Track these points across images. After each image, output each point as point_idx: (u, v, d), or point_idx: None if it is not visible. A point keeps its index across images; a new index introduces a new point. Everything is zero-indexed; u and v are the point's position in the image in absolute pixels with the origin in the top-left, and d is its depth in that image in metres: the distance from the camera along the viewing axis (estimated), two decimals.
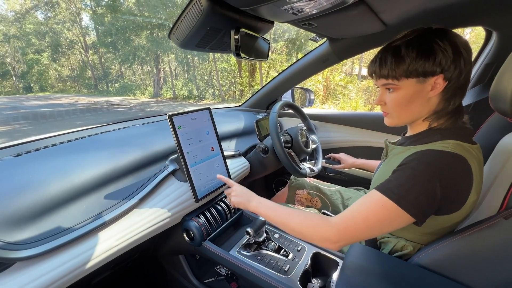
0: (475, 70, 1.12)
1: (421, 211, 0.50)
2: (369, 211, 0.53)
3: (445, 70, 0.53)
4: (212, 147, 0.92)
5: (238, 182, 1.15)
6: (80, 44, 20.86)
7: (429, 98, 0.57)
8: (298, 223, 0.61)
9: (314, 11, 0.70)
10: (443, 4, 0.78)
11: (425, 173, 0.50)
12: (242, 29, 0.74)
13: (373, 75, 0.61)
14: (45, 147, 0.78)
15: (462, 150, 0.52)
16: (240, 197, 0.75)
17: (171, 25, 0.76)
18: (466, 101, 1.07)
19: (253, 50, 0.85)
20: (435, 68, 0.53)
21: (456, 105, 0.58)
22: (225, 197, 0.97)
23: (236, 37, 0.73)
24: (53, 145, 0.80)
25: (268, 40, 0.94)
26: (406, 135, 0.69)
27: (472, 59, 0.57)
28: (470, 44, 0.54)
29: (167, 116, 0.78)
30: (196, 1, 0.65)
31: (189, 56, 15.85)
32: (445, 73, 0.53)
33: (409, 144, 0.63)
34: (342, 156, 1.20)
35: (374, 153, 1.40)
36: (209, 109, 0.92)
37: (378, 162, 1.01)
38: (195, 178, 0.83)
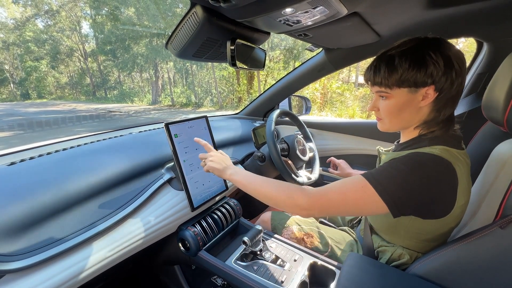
0: (468, 79, 1.14)
1: (396, 202, 0.51)
2: (347, 188, 0.55)
3: (436, 81, 0.54)
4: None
5: (234, 190, 1.14)
6: (79, 52, 21.01)
7: (420, 108, 0.58)
8: (273, 189, 0.62)
9: (309, 23, 0.71)
10: (435, 16, 0.81)
11: (408, 168, 0.52)
12: (238, 40, 0.76)
13: (368, 81, 0.63)
14: (40, 155, 0.77)
15: (447, 154, 0.54)
16: (217, 163, 0.74)
17: (169, 34, 0.77)
18: (460, 110, 1.09)
19: (249, 60, 0.87)
20: (426, 79, 0.54)
21: (447, 115, 0.59)
22: (222, 206, 0.96)
23: (232, 47, 0.75)
24: (48, 153, 0.79)
25: (265, 50, 0.95)
26: (399, 142, 0.70)
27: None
28: (463, 55, 0.56)
29: (163, 124, 0.78)
30: (193, 13, 0.66)
31: (187, 64, 16.00)
32: (436, 84, 0.55)
33: (400, 150, 0.65)
34: (342, 163, 1.19)
35: (370, 161, 1.40)
36: (205, 117, 0.93)
37: None
38: (191, 187, 0.83)
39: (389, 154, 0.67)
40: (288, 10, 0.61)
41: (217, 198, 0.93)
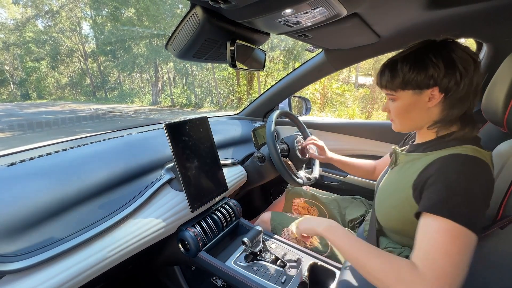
0: None
1: (476, 221, 0.47)
2: (449, 247, 0.46)
3: (438, 83, 0.55)
4: (209, 156, 0.91)
5: (234, 191, 1.14)
6: (79, 52, 21.01)
7: (429, 108, 0.59)
8: (377, 265, 0.51)
9: (309, 24, 0.72)
10: (435, 17, 0.81)
11: (469, 182, 0.49)
12: (238, 41, 0.76)
13: (378, 85, 0.66)
14: (40, 156, 0.77)
15: (481, 155, 0.53)
16: (306, 223, 0.69)
17: (169, 34, 0.77)
18: None
19: (249, 60, 0.87)
20: (427, 81, 0.56)
21: (457, 114, 0.58)
22: (222, 206, 0.96)
23: (232, 48, 0.75)
24: (48, 154, 0.79)
25: (264, 51, 0.95)
26: (416, 142, 0.69)
27: None
28: (471, 56, 0.55)
29: (163, 125, 0.78)
30: (193, 13, 0.66)
31: (187, 65, 16.00)
32: (439, 85, 0.55)
33: (422, 150, 0.63)
34: (324, 148, 1.09)
35: None
36: (205, 118, 0.93)
37: (358, 162, 1.03)
38: (191, 188, 0.83)
39: (410, 155, 0.66)
40: (288, 11, 0.61)
41: (217, 199, 0.93)
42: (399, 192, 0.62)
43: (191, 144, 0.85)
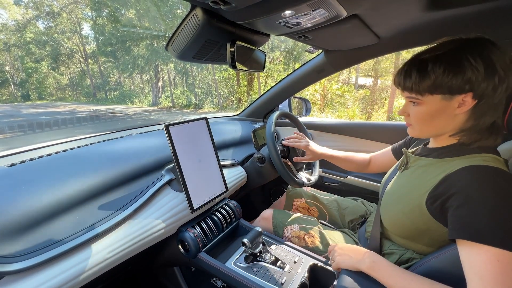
0: None
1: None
2: (493, 273, 0.43)
3: (474, 88, 0.49)
4: (208, 157, 0.91)
5: (234, 192, 1.14)
6: (80, 53, 21.08)
7: (456, 115, 0.54)
8: None
9: (309, 25, 0.72)
10: (434, 18, 0.81)
11: (508, 201, 0.45)
12: (238, 42, 0.76)
13: (399, 86, 0.59)
14: (40, 157, 0.78)
15: (502, 165, 0.50)
16: (346, 255, 0.65)
17: (170, 35, 0.77)
18: None
19: (249, 61, 0.87)
20: (463, 86, 0.49)
21: (488, 123, 0.53)
22: (222, 207, 0.96)
23: (232, 49, 0.75)
24: (48, 154, 0.79)
25: (264, 52, 0.95)
26: (429, 146, 0.66)
27: None
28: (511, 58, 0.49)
29: (163, 126, 0.78)
30: (193, 15, 0.66)
31: (188, 66, 16.05)
32: (475, 91, 0.49)
33: (437, 156, 0.60)
34: (309, 146, 0.97)
35: None
36: (205, 118, 0.93)
37: (351, 155, 0.99)
38: (191, 188, 0.83)
39: (424, 160, 0.62)
40: (288, 12, 0.61)
41: (217, 200, 0.93)
42: (411, 198, 0.60)
43: (191, 145, 0.85)
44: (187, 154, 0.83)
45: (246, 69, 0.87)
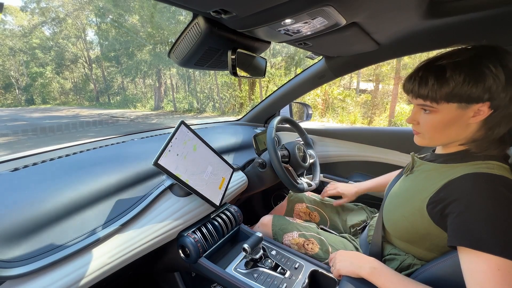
0: None
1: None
2: (493, 282, 0.43)
3: (493, 98, 0.48)
4: (205, 156, 0.90)
5: (235, 197, 1.14)
6: (84, 58, 21.36)
7: (469, 124, 0.52)
8: None
9: (309, 33, 0.73)
10: (434, 25, 0.82)
11: (502, 211, 0.45)
12: (239, 50, 0.77)
13: (410, 93, 0.56)
14: (43, 161, 0.79)
15: (507, 173, 0.50)
16: (347, 261, 0.65)
17: (173, 41, 0.78)
18: None
19: (250, 68, 0.88)
20: (482, 95, 0.48)
21: (502, 133, 0.52)
22: (222, 212, 0.96)
23: (233, 57, 0.76)
24: (51, 159, 0.80)
25: (265, 58, 0.97)
26: (437, 152, 0.65)
27: None
28: None
29: (152, 163, 0.73)
30: (195, 23, 0.68)
31: (190, 71, 16.19)
32: (493, 101, 0.48)
33: (442, 161, 0.59)
34: (339, 189, 1.06)
35: (372, 167, 1.40)
36: (182, 122, 0.85)
37: (386, 178, 0.97)
38: (204, 192, 0.83)
39: (428, 165, 0.62)
40: (288, 21, 0.62)
41: (231, 185, 0.94)
42: (412, 201, 0.60)
43: (183, 159, 0.81)
44: (188, 168, 0.81)
45: (247, 75, 0.88)
